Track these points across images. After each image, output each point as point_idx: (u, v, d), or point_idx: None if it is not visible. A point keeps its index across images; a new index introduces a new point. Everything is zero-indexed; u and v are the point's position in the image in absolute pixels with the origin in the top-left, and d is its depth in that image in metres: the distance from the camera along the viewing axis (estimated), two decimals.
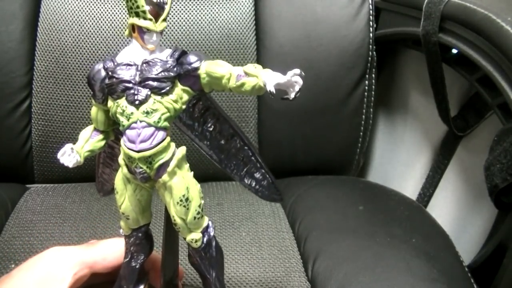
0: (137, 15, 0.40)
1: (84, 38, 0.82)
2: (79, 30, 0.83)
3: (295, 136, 0.88)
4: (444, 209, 0.88)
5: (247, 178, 0.50)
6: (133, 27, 0.41)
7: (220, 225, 0.73)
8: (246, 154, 0.49)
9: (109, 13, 0.83)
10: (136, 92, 0.40)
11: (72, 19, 0.83)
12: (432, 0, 0.73)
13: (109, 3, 0.84)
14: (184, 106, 0.42)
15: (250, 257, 0.67)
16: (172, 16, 0.83)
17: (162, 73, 0.40)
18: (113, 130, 0.46)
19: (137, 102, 0.40)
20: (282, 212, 0.77)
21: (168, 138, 0.41)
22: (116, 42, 0.83)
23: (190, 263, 0.46)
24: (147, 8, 0.40)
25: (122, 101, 0.41)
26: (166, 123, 0.41)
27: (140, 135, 0.40)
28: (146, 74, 0.40)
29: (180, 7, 0.84)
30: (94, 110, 0.44)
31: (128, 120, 0.40)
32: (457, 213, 0.86)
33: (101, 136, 0.45)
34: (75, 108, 0.83)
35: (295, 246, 0.70)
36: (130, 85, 0.40)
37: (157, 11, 0.40)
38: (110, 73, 0.41)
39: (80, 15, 0.83)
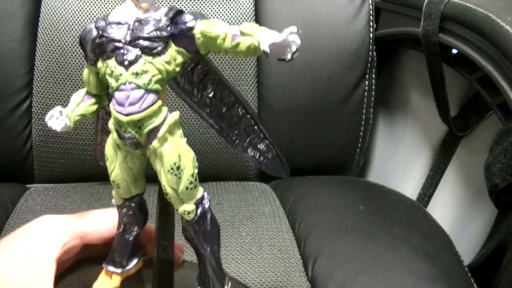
0: None
1: None
2: (80, 30, 0.83)
3: (295, 136, 0.88)
4: (444, 209, 0.88)
5: (250, 149, 0.47)
6: None
7: (220, 225, 0.73)
8: (249, 123, 0.46)
9: (109, 13, 0.83)
10: (125, 52, 0.38)
11: (73, 19, 0.83)
12: (432, 0, 0.73)
13: (110, 3, 0.84)
14: (178, 69, 0.40)
15: (250, 257, 0.67)
16: None
17: (154, 32, 0.38)
18: (106, 94, 0.43)
19: (126, 63, 0.38)
20: (282, 212, 0.77)
21: (160, 102, 0.39)
22: None
23: (184, 237, 0.44)
24: None
25: (111, 62, 0.38)
26: (157, 86, 0.39)
27: (129, 98, 0.38)
28: (137, 33, 0.38)
29: (180, 7, 0.84)
30: (86, 72, 0.43)
31: (116, 81, 0.38)
32: (457, 213, 0.86)
33: (93, 100, 0.43)
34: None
35: (295, 246, 0.70)
36: (120, 44, 0.38)
37: None
38: (100, 32, 0.39)
39: (80, 15, 0.83)
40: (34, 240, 0.44)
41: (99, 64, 0.40)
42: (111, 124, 0.40)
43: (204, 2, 0.85)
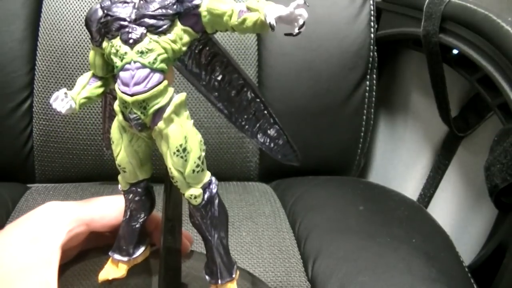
0: None
1: (86, 38, 0.83)
2: (81, 30, 0.83)
3: (295, 137, 0.86)
4: (444, 209, 0.88)
5: (260, 134, 0.45)
6: None
7: None
8: (258, 108, 0.45)
9: None
10: (130, 31, 0.37)
11: (74, 19, 0.83)
12: (432, 1, 0.73)
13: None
14: (184, 48, 0.39)
15: (250, 257, 0.67)
16: None
17: (160, 10, 0.37)
18: (113, 77, 0.42)
19: (131, 41, 0.37)
20: (282, 212, 0.77)
21: (165, 82, 0.38)
22: None
23: (191, 223, 0.43)
24: None
25: (116, 41, 0.38)
26: (163, 65, 0.38)
27: (134, 77, 0.37)
28: (142, 11, 0.37)
29: None
30: (92, 54, 0.42)
31: (121, 60, 0.38)
32: (457, 214, 0.86)
33: (99, 83, 0.43)
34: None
35: (295, 246, 0.70)
36: (125, 23, 0.37)
37: None
38: (105, 11, 0.39)
39: (81, 15, 0.83)
40: (38, 226, 0.44)
41: (104, 44, 0.39)
42: (116, 106, 0.40)
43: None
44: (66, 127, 0.84)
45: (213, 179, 0.41)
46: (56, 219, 0.44)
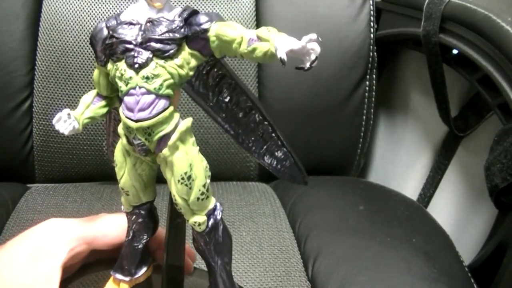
0: None
1: (86, 38, 0.83)
2: (81, 30, 0.83)
3: (295, 137, 0.88)
4: (444, 209, 0.88)
5: (267, 156, 0.44)
6: None
7: None
8: (266, 130, 0.43)
9: (110, 13, 0.83)
10: (136, 55, 0.36)
11: (74, 19, 0.83)
12: (432, 1, 0.73)
13: (111, 3, 0.84)
14: (191, 73, 0.38)
15: (250, 256, 0.67)
16: None
17: (167, 34, 0.36)
18: (117, 96, 0.41)
19: (136, 66, 0.36)
20: (282, 212, 0.77)
21: (171, 108, 0.37)
22: None
23: (195, 248, 0.42)
24: None
25: (121, 64, 0.37)
26: (169, 91, 0.37)
27: (139, 103, 0.36)
28: (149, 35, 0.36)
29: (181, 6, 0.84)
30: (96, 73, 0.40)
31: (126, 85, 0.36)
32: (457, 213, 0.86)
33: (103, 102, 0.41)
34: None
35: (295, 246, 0.70)
36: (131, 46, 0.36)
37: None
38: (111, 32, 0.37)
39: (81, 15, 0.83)
40: (40, 244, 0.43)
41: (109, 66, 0.38)
42: (120, 129, 0.39)
43: (205, 2, 0.85)
44: None
45: (218, 205, 0.41)
46: (58, 238, 0.44)
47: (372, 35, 0.86)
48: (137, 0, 0.38)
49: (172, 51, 0.36)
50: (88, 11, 0.83)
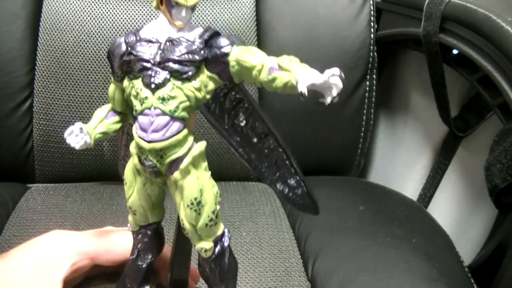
0: None
1: (86, 38, 0.83)
2: (81, 30, 0.83)
3: (295, 137, 0.88)
4: (444, 209, 0.88)
5: (279, 183, 0.43)
6: None
7: None
8: (280, 157, 0.42)
9: (111, 13, 0.83)
10: (153, 74, 0.35)
11: (74, 19, 0.83)
12: (432, 1, 0.73)
13: (111, 3, 0.84)
14: (208, 96, 0.37)
15: (250, 256, 0.67)
16: None
17: (186, 55, 0.35)
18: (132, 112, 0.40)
19: (153, 86, 0.35)
20: (282, 212, 0.77)
21: (185, 131, 0.36)
22: None
23: (199, 272, 0.42)
24: None
25: (138, 82, 0.36)
26: (184, 113, 0.36)
27: (153, 124, 0.35)
28: (168, 55, 0.35)
29: None
30: (112, 88, 0.40)
31: (141, 105, 0.36)
32: (457, 214, 0.86)
33: (117, 118, 0.41)
34: (76, 108, 0.83)
35: (295, 246, 0.70)
36: (149, 65, 0.35)
37: None
38: (129, 48, 0.36)
39: (82, 15, 0.83)
40: (42, 256, 0.43)
41: (125, 83, 0.37)
42: (132, 148, 0.38)
43: (205, 2, 0.85)
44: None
45: (226, 231, 0.40)
46: (61, 251, 0.43)
47: (372, 35, 0.86)
48: (157, 17, 0.37)
49: (190, 73, 0.35)
50: (89, 11, 0.83)
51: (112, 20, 0.83)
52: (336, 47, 0.85)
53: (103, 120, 0.41)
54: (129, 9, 0.84)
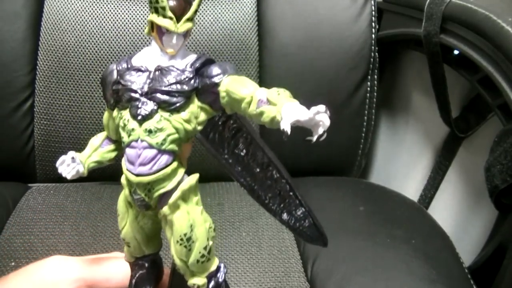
0: (156, 11, 0.33)
1: (87, 38, 0.83)
2: (82, 30, 0.83)
3: (296, 137, 0.87)
4: (445, 210, 0.88)
5: (285, 214, 0.42)
6: (152, 25, 0.34)
7: (220, 225, 0.73)
8: (284, 188, 0.41)
9: (112, 13, 0.83)
10: (140, 105, 0.34)
11: (75, 19, 0.83)
12: (433, 1, 0.73)
13: (113, 3, 0.84)
14: (200, 127, 0.35)
15: (249, 257, 0.67)
16: None
17: (174, 86, 0.33)
18: None
19: (139, 117, 0.34)
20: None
21: (175, 164, 0.35)
22: (120, 43, 0.83)
23: None
24: (170, 3, 0.33)
25: (126, 113, 0.35)
26: (173, 146, 0.34)
27: (140, 157, 0.34)
28: (155, 85, 0.34)
29: None
30: (106, 116, 0.39)
31: (128, 136, 0.34)
32: (458, 214, 0.86)
33: (112, 147, 0.40)
34: (77, 108, 0.83)
35: (295, 246, 0.70)
36: (136, 95, 0.34)
37: (183, 8, 0.33)
38: (119, 77, 0.35)
39: (83, 15, 0.83)
40: (42, 281, 0.43)
41: (115, 113, 0.36)
42: (123, 179, 0.37)
43: (206, 2, 0.85)
44: (67, 127, 0.84)
45: (222, 266, 0.38)
46: (60, 277, 0.43)
47: (373, 36, 0.85)
48: (149, 44, 0.36)
49: (178, 104, 0.34)
50: (90, 11, 0.83)
51: (114, 20, 0.83)
52: (337, 47, 0.85)
53: (98, 149, 0.40)
54: (130, 9, 0.84)
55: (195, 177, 0.36)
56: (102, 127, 0.82)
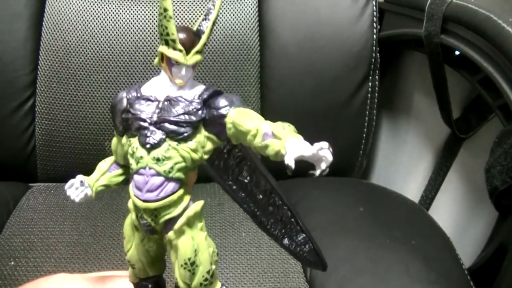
0: (167, 43, 0.35)
1: (88, 38, 0.83)
2: (84, 30, 0.83)
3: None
4: (446, 211, 0.88)
5: (286, 239, 0.43)
6: (162, 56, 0.36)
7: (220, 225, 0.73)
8: (286, 214, 0.42)
9: (113, 13, 0.84)
10: (149, 134, 0.35)
11: (77, 19, 0.83)
12: (434, 1, 0.73)
13: (114, 3, 0.84)
14: (206, 156, 0.37)
15: (249, 257, 0.67)
16: (176, 16, 0.83)
17: (182, 116, 0.35)
18: None
19: (148, 146, 0.35)
20: None
21: (181, 191, 0.36)
22: (120, 43, 0.83)
23: None
24: (180, 36, 0.34)
25: (135, 141, 0.36)
26: (179, 174, 0.35)
27: (148, 184, 0.35)
28: (164, 115, 0.35)
29: (183, 7, 0.84)
30: (114, 142, 0.40)
31: (137, 164, 0.36)
32: (459, 216, 0.86)
33: (120, 171, 0.41)
34: (78, 108, 0.84)
35: None
36: (145, 124, 0.35)
37: (192, 41, 0.35)
38: (128, 105, 0.36)
39: (84, 15, 0.83)
40: None
41: (124, 139, 0.37)
42: (130, 204, 0.38)
43: (208, 3, 0.85)
44: (68, 127, 0.84)
45: None
46: None
47: (375, 36, 0.85)
48: (159, 74, 0.37)
49: (186, 134, 0.35)
50: (92, 11, 0.84)
51: (115, 20, 0.83)
52: (338, 47, 0.85)
53: (106, 173, 0.41)
54: (131, 9, 0.84)
55: (200, 203, 0.37)
56: (102, 126, 0.83)
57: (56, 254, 0.66)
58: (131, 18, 0.83)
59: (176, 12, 0.84)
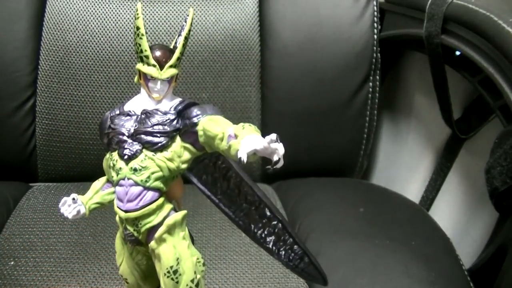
0: (141, 60, 0.37)
1: (89, 38, 0.83)
2: (84, 30, 0.83)
3: (298, 138, 0.87)
4: (446, 212, 0.87)
5: (282, 252, 0.43)
6: (140, 73, 0.38)
7: (220, 225, 0.73)
8: (277, 227, 0.43)
9: (114, 13, 0.84)
10: (126, 146, 0.37)
11: (77, 19, 0.83)
12: (435, 2, 0.73)
13: (114, 3, 0.84)
14: (184, 166, 0.38)
15: (248, 257, 0.67)
16: (176, 16, 0.83)
17: (157, 127, 0.37)
18: None
19: (125, 157, 0.37)
20: (283, 213, 0.77)
21: (160, 200, 0.38)
22: (121, 42, 0.83)
23: None
24: (153, 52, 0.36)
25: (115, 154, 0.38)
26: (157, 183, 0.37)
27: (127, 194, 0.37)
28: (140, 127, 0.37)
29: (184, 7, 0.84)
30: (105, 160, 0.41)
31: (117, 175, 0.37)
32: (459, 216, 0.86)
33: (112, 189, 0.42)
34: (79, 108, 0.84)
35: None
36: (124, 137, 0.37)
37: (166, 56, 0.37)
38: (109, 122, 0.38)
39: (85, 15, 0.84)
40: None
41: (107, 154, 0.39)
42: (117, 217, 0.39)
43: (208, 3, 0.85)
44: (69, 127, 0.84)
45: None
46: None
47: (375, 36, 0.85)
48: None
49: (160, 144, 0.37)
50: (92, 11, 0.84)
51: (115, 20, 0.83)
52: (339, 47, 0.85)
53: (99, 191, 0.42)
54: (132, 9, 0.84)
55: (181, 213, 0.38)
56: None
57: (56, 254, 0.66)
58: (132, 18, 0.83)
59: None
